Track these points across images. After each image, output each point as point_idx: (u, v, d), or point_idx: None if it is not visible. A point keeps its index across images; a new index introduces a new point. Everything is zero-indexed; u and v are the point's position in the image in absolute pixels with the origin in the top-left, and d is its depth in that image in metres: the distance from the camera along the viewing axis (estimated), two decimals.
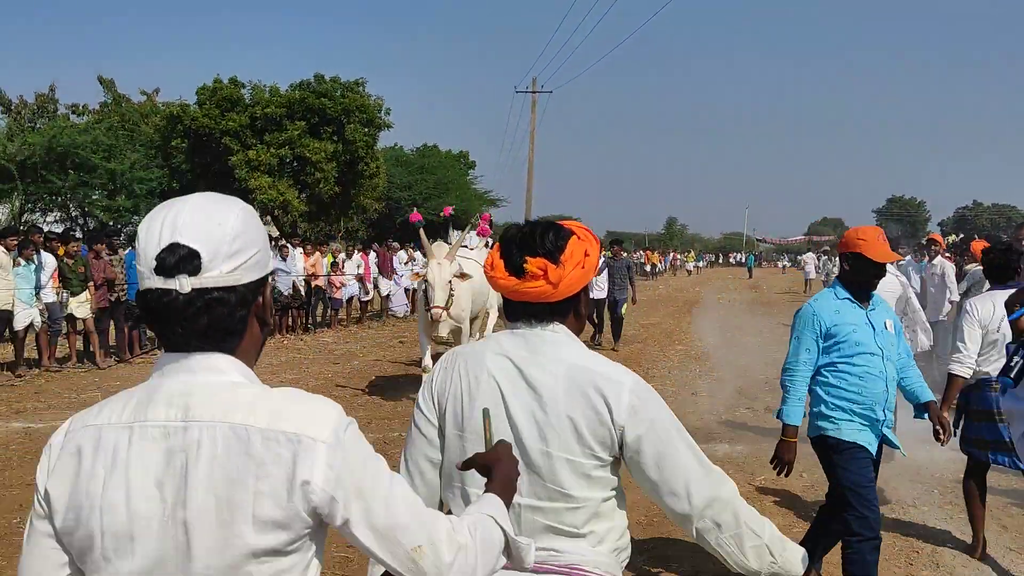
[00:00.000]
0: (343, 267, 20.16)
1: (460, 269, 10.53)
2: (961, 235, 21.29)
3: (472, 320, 11.59)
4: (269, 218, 28.44)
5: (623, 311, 16.78)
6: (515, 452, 2.05)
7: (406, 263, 22.70)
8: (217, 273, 1.55)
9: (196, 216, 1.57)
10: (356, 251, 22.03)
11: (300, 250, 19.08)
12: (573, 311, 2.29)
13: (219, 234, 1.56)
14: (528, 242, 2.21)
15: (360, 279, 20.53)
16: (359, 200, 29.43)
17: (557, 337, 2.23)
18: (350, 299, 20.84)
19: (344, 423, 1.57)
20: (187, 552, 1.49)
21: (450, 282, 10.33)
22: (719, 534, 2.21)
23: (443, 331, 10.59)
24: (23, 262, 12.43)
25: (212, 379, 1.56)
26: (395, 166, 40.00)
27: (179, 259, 1.52)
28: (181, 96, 28.56)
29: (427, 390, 2.29)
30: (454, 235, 43.08)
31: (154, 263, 1.53)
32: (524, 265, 2.18)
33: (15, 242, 12.51)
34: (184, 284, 1.53)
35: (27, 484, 7.31)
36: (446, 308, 10.24)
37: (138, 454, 1.51)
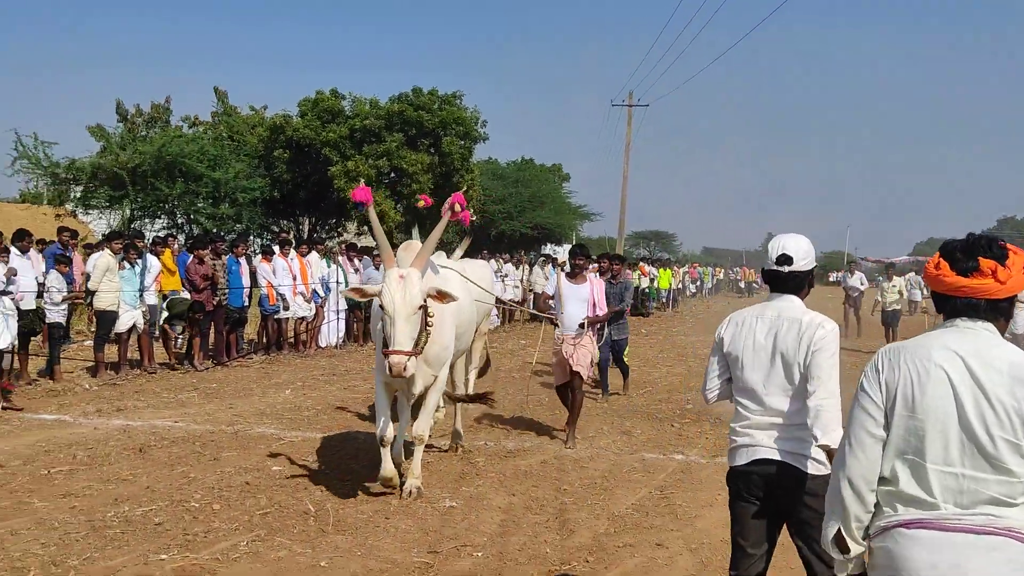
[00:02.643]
0: None
1: (437, 286, 6.91)
2: None
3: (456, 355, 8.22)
4: (366, 228, 28.89)
5: (626, 356, 12.85)
6: (961, 430, 2.57)
7: (496, 272, 22.87)
8: (799, 265, 3.89)
9: (792, 242, 3.90)
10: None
11: None
12: (1004, 315, 2.76)
13: (799, 250, 3.89)
14: (973, 248, 2.73)
15: None
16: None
17: (992, 337, 2.69)
18: None
19: (836, 329, 3.81)
20: (770, 368, 3.80)
21: (422, 307, 6.70)
22: None
23: (416, 386, 7.29)
24: (127, 265, 12.88)
25: (788, 305, 3.90)
26: (491, 179, 40.26)
27: (785, 259, 3.87)
28: (284, 108, 29.22)
29: (875, 379, 2.75)
30: (548, 248, 43.00)
31: (775, 259, 3.88)
32: (978, 264, 2.69)
33: (120, 246, 12.98)
34: (785, 269, 3.88)
35: (123, 479, 7.55)
36: (416, 352, 6.69)
37: (759, 326, 3.87)
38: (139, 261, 13.17)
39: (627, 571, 5.87)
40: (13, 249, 11.70)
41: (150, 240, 16.54)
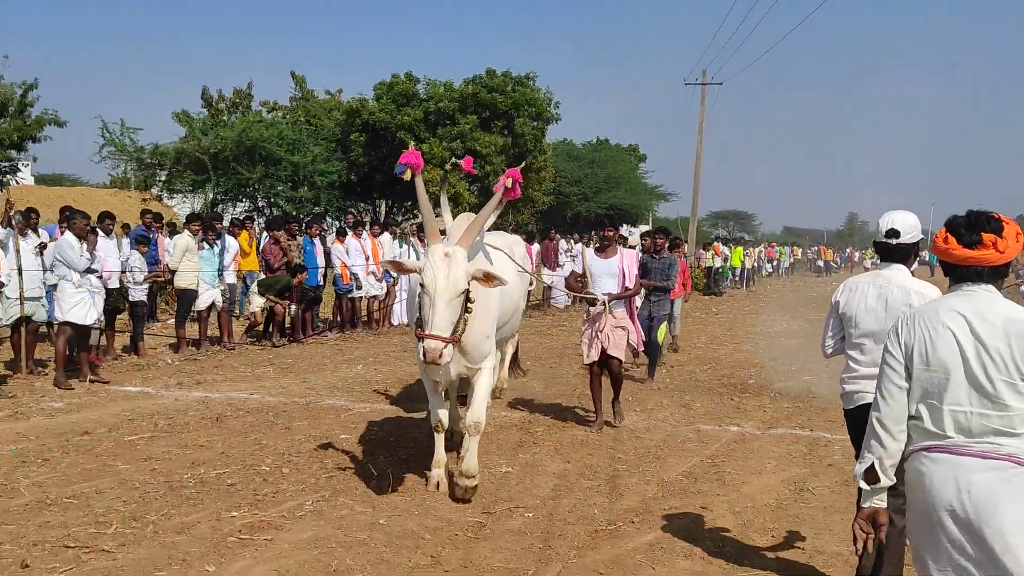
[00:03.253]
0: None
1: (484, 267, 6.23)
2: None
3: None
4: (440, 210, 29.32)
5: (660, 335, 11.88)
6: (966, 376, 3.19)
7: (566, 251, 23.17)
8: (905, 238, 4.61)
9: (900, 218, 4.62)
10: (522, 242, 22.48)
11: None
12: (1002, 275, 3.31)
13: (906, 224, 4.61)
14: (976, 224, 3.30)
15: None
16: (528, 193, 29.89)
17: (991, 296, 3.26)
18: None
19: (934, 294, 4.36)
20: (880, 328, 4.50)
21: (465, 292, 5.95)
22: None
23: (450, 372, 6.57)
24: (206, 246, 13.42)
25: (897, 273, 4.63)
26: (567, 161, 40.34)
27: (893, 232, 4.61)
28: (360, 92, 29.70)
29: (896, 341, 3.40)
30: (623, 230, 42.82)
31: (885, 232, 4.64)
32: (981, 238, 3.25)
33: (198, 227, 13.53)
34: (893, 242, 4.63)
35: (199, 445, 7.99)
36: (453, 339, 5.88)
37: (870, 291, 4.67)
38: (218, 242, 13.70)
39: (669, 531, 6.07)
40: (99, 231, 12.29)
41: (229, 222, 17.12)
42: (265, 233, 15.81)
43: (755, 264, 39.00)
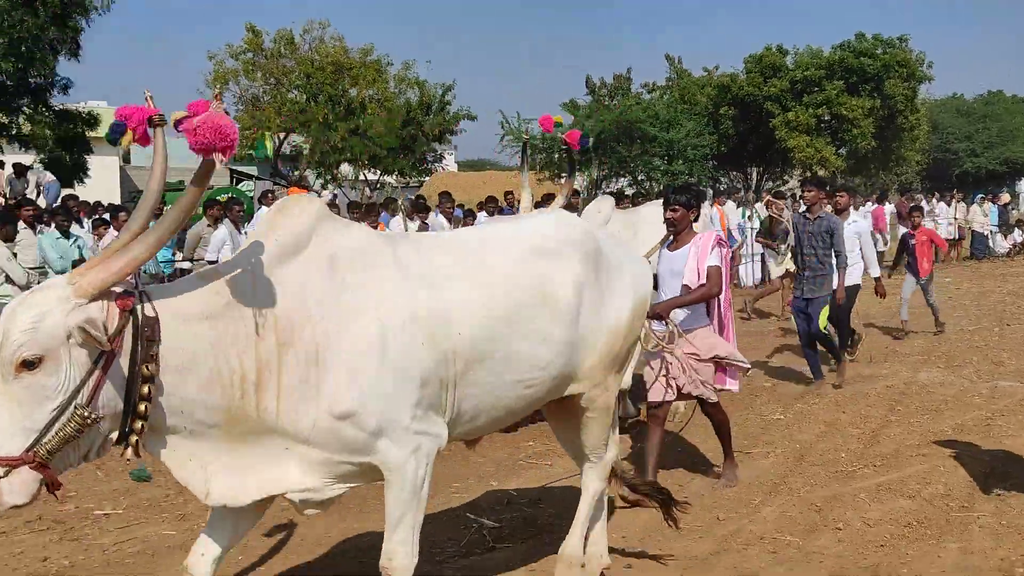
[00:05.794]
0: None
1: (84, 321, 2.77)
2: None
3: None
4: (808, 174, 30.28)
5: (821, 322, 9.00)
6: None
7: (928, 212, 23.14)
8: None
9: None
10: (869, 202, 22.60)
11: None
12: None
13: None
14: None
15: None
16: (900, 153, 29.92)
17: None
18: None
19: None
20: None
21: (37, 360, 2.77)
22: None
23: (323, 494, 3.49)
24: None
25: None
26: (956, 117, 39.08)
27: None
28: (733, 67, 31.41)
29: None
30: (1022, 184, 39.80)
31: None
32: None
33: (494, 207, 15.30)
34: None
35: None
36: (27, 459, 2.78)
37: None
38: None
39: (905, 475, 6.40)
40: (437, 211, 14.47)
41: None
42: None
43: None
